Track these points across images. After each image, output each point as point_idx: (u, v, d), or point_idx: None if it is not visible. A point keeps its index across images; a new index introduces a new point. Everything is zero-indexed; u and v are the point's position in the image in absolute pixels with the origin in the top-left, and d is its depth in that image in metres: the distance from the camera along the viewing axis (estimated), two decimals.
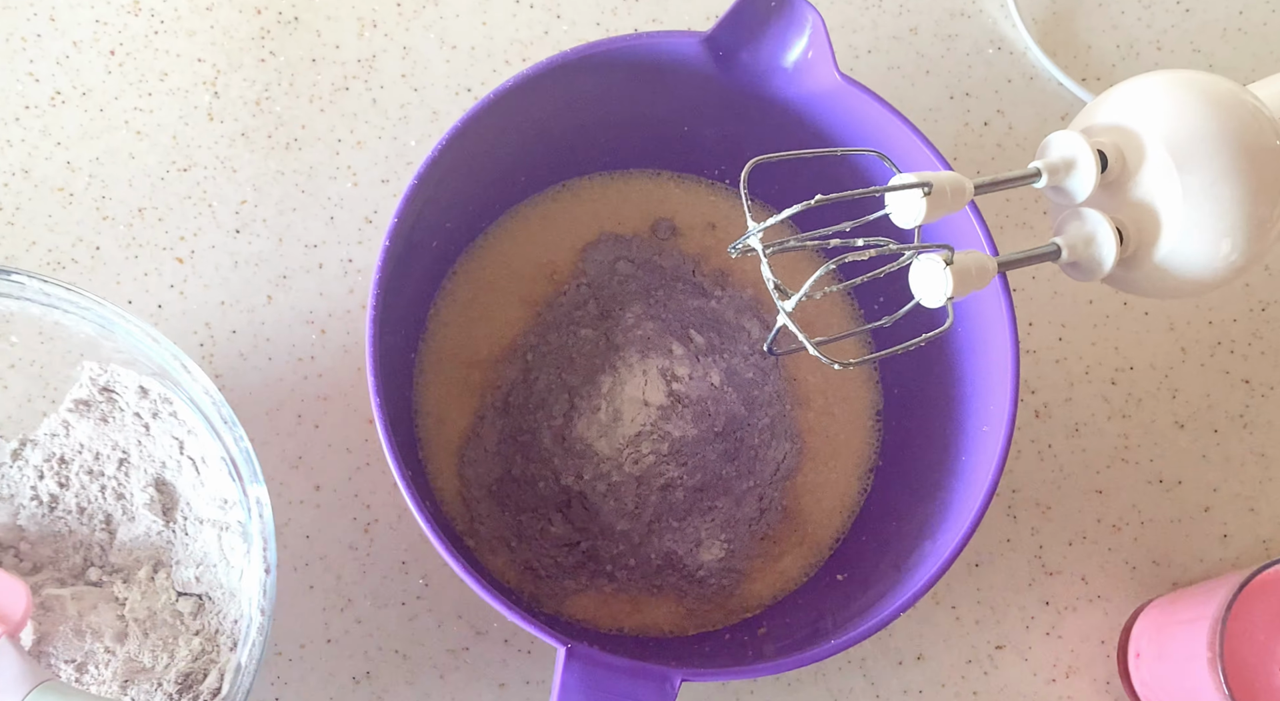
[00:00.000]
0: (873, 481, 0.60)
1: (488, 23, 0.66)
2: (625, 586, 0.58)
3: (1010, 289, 0.51)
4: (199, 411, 0.53)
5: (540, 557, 0.58)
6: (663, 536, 0.58)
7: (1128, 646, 0.61)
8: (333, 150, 0.65)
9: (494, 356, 0.60)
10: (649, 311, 0.60)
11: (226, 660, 0.53)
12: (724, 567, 0.59)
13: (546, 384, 0.59)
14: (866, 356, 0.51)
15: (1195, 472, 0.65)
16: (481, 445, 0.59)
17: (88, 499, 0.57)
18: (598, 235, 0.62)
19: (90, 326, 0.54)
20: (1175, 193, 0.45)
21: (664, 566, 0.58)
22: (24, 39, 0.65)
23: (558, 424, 0.58)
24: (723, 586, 0.59)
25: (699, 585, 0.59)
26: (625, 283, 0.61)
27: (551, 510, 0.58)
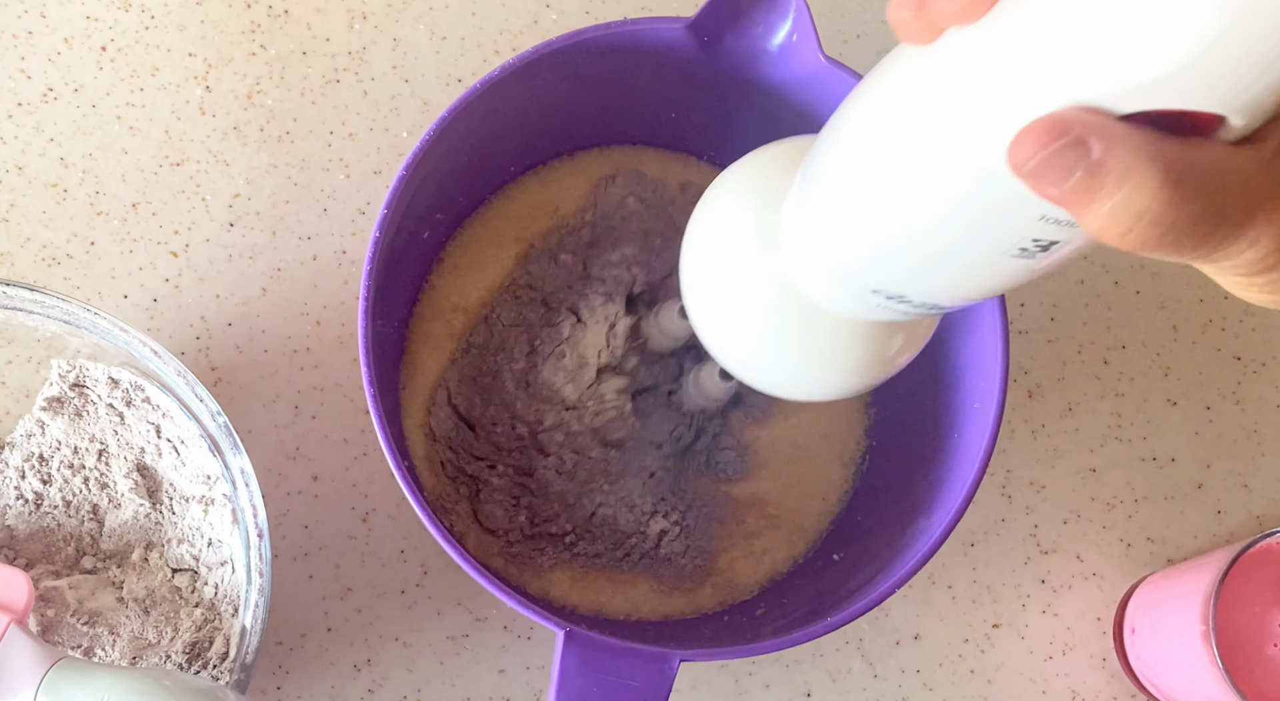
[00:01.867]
0: (867, 463, 0.61)
1: (477, 13, 0.67)
2: (592, 563, 0.58)
3: None
4: (171, 395, 0.54)
5: (492, 519, 0.58)
6: (594, 497, 0.58)
7: (1123, 622, 0.61)
8: (325, 142, 0.65)
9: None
10: (638, 257, 0.60)
11: (230, 625, 0.54)
12: (687, 546, 0.59)
13: (510, 319, 0.59)
14: None
15: (1188, 450, 0.65)
16: (445, 393, 0.59)
17: (72, 492, 0.57)
18: (617, 170, 0.61)
19: (55, 324, 0.54)
20: None
21: (613, 537, 0.58)
22: (15, 36, 0.65)
23: (520, 367, 0.58)
24: (697, 567, 0.59)
25: (667, 564, 0.59)
26: (628, 220, 0.60)
27: (504, 458, 0.58)
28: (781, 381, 0.43)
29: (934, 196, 0.31)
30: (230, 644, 0.53)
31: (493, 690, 0.61)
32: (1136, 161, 0.27)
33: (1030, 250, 0.31)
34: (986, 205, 0.30)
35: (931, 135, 0.30)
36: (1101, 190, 0.28)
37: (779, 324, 0.40)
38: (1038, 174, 0.28)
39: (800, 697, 0.62)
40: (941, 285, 0.34)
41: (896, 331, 0.41)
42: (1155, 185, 0.27)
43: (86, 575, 0.56)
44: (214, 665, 0.53)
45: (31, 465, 0.57)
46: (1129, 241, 0.28)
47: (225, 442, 0.52)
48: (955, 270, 0.33)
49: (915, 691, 0.62)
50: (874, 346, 0.41)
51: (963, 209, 0.31)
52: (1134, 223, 0.28)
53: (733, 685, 0.61)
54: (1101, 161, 0.27)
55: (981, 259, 0.32)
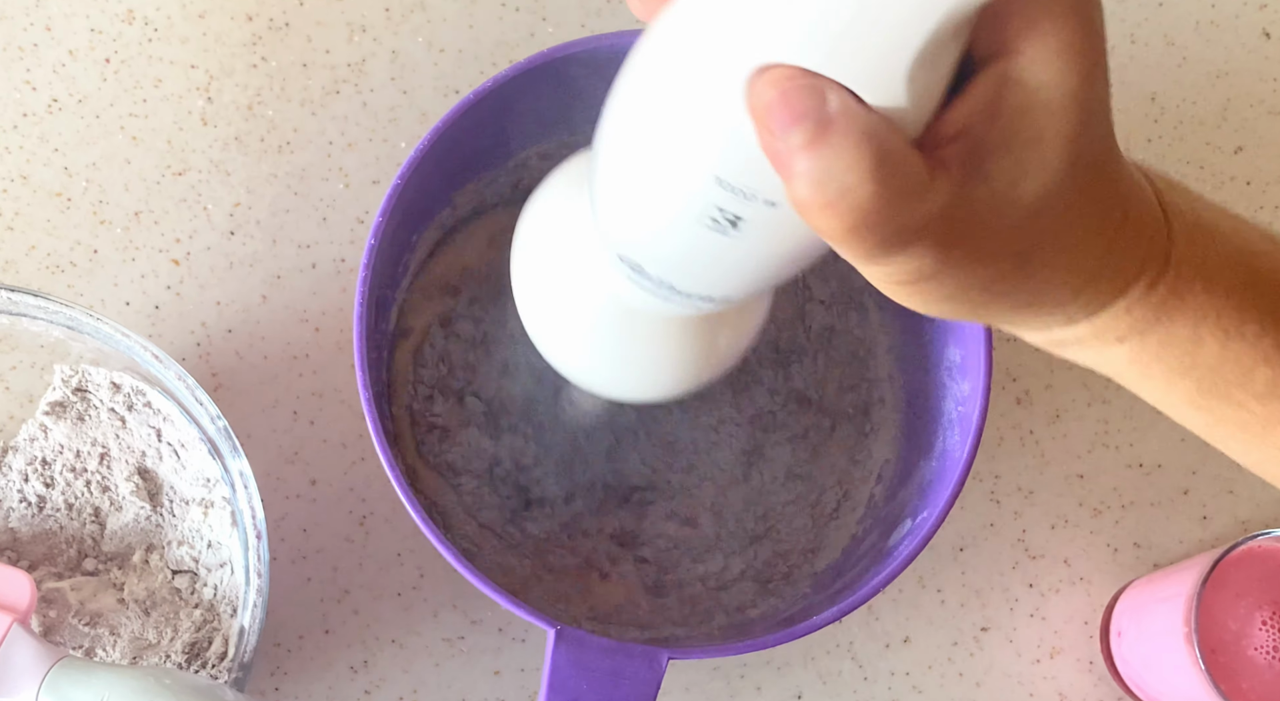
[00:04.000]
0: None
1: (474, 26, 0.68)
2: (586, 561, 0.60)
3: None
4: (172, 399, 0.55)
5: (487, 520, 0.59)
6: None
7: (1110, 626, 0.62)
8: (324, 153, 0.66)
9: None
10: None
11: (229, 626, 0.55)
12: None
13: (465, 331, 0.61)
14: None
15: (1174, 456, 0.66)
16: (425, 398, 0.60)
17: (74, 495, 0.58)
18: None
19: (58, 330, 0.55)
20: None
21: (607, 536, 0.60)
22: (21, 48, 0.66)
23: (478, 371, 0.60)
24: (666, 565, 0.60)
25: (659, 568, 0.60)
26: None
27: (484, 465, 0.60)
28: (607, 382, 0.44)
29: (636, 132, 0.32)
30: (229, 644, 0.54)
31: (488, 691, 0.61)
32: (861, 138, 0.27)
33: (720, 223, 0.31)
34: (674, 150, 0.31)
35: (654, 68, 0.31)
36: (820, 151, 0.27)
37: (601, 323, 0.40)
38: (771, 110, 0.28)
39: (791, 700, 0.62)
40: (659, 255, 0.34)
41: (719, 329, 0.41)
42: (867, 169, 0.28)
43: (88, 577, 0.57)
44: (213, 665, 0.54)
45: (34, 468, 0.58)
46: (824, 218, 0.28)
47: (225, 446, 0.53)
48: (660, 235, 0.33)
49: (905, 694, 0.63)
50: (696, 345, 0.41)
51: (654, 150, 0.31)
52: (836, 198, 0.28)
53: (724, 687, 0.62)
54: (833, 119, 0.27)
55: (677, 222, 0.32)
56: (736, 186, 0.30)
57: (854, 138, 0.27)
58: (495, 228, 0.62)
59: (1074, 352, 0.36)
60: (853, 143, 0.27)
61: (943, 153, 0.29)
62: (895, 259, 0.30)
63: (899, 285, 0.32)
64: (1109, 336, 0.35)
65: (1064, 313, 0.34)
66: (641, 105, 0.32)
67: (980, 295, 0.32)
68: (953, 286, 0.32)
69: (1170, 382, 0.36)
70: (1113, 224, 0.32)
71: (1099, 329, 0.35)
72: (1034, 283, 0.32)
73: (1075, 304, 0.34)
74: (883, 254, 0.30)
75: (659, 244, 0.34)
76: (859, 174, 0.28)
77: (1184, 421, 0.38)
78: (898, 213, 0.28)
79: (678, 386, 0.43)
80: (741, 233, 0.32)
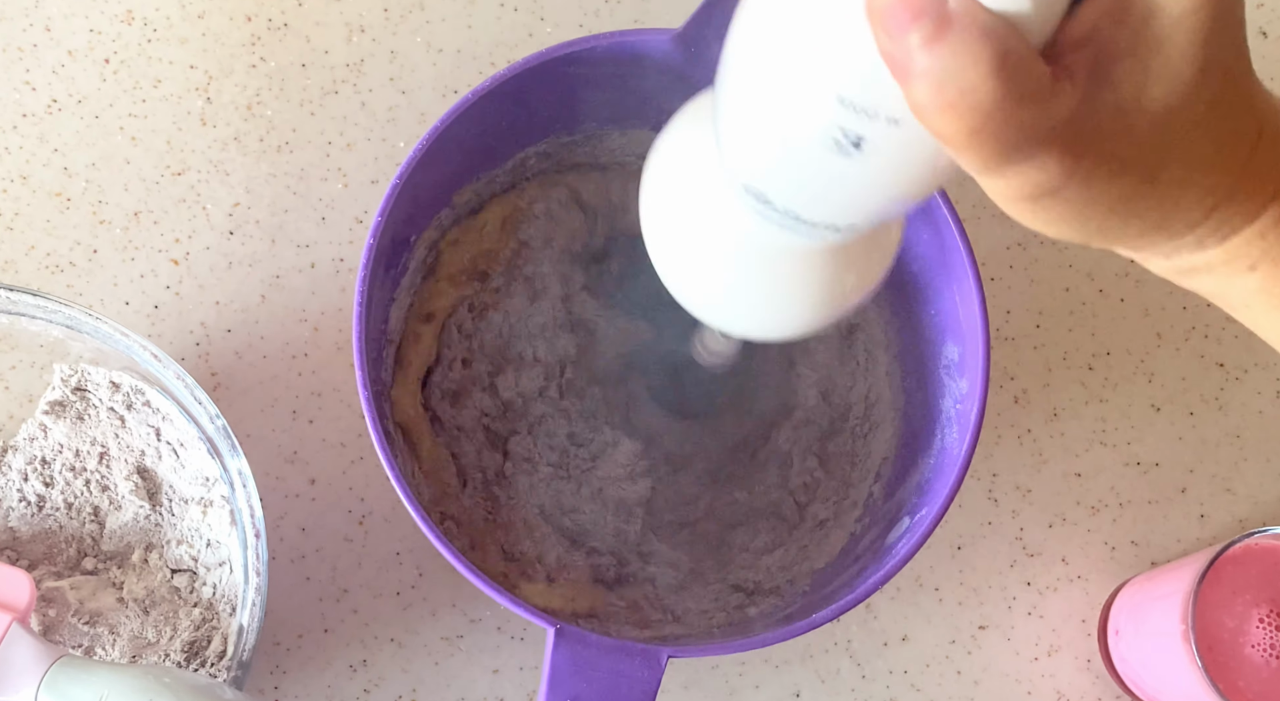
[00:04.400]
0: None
1: (473, 26, 0.68)
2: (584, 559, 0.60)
3: (981, 276, 0.53)
4: (171, 398, 0.56)
5: (485, 518, 0.60)
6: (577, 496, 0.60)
7: (1107, 624, 0.62)
8: (323, 152, 0.66)
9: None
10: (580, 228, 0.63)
11: (228, 624, 0.55)
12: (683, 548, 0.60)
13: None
14: None
15: (1172, 454, 0.66)
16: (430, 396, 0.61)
17: (74, 494, 0.58)
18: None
19: (57, 329, 0.56)
20: None
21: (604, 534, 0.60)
22: (20, 49, 0.66)
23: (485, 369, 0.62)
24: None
25: (659, 569, 0.60)
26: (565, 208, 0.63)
27: (485, 459, 0.61)
28: (741, 319, 0.43)
29: (757, 54, 0.32)
30: (228, 642, 0.54)
31: (487, 690, 0.62)
32: (982, 36, 0.27)
33: (843, 144, 0.31)
34: (795, 69, 0.31)
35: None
36: (939, 49, 0.27)
37: (732, 259, 0.40)
38: (889, 10, 0.27)
39: (790, 698, 0.62)
40: (784, 182, 0.34)
41: (850, 263, 0.41)
42: (988, 67, 0.27)
43: (87, 576, 0.57)
44: (212, 663, 0.54)
45: (34, 468, 0.59)
46: (945, 120, 0.28)
47: (224, 445, 0.53)
48: (784, 161, 0.33)
49: (903, 692, 0.63)
50: (828, 279, 0.41)
51: (775, 71, 0.31)
52: (957, 98, 0.27)
53: (723, 685, 0.62)
54: (952, 17, 0.27)
55: (800, 146, 0.32)
56: (858, 104, 0.30)
57: (974, 34, 0.27)
58: (506, 210, 0.62)
59: (1201, 281, 0.35)
60: (973, 39, 0.27)
61: (1068, 59, 0.29)
62: (1019, 169, 0.29)
63: (1023, 201, 0.31)
64: (1240, 263, 0.33)
65: (1194, 235, 0.33)
66: (760, 25, 0.31)
67: (1108, 215, 0.31)
68: (1079, 202, 0.31)
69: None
70: (1247, 141, 0.31)
71: (1231, 254, 0.33)
72: (1165, 202, 0.31)
73: (1207, 225, 0.32)
74: (1005, 162, 0.29)
75: (783, 171, 0.34)
76: (980, 72, 0.27)
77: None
78: (1021, 115, 0.28)
79: (811, 322, 0.42)
80: (865, 154, 0.31)
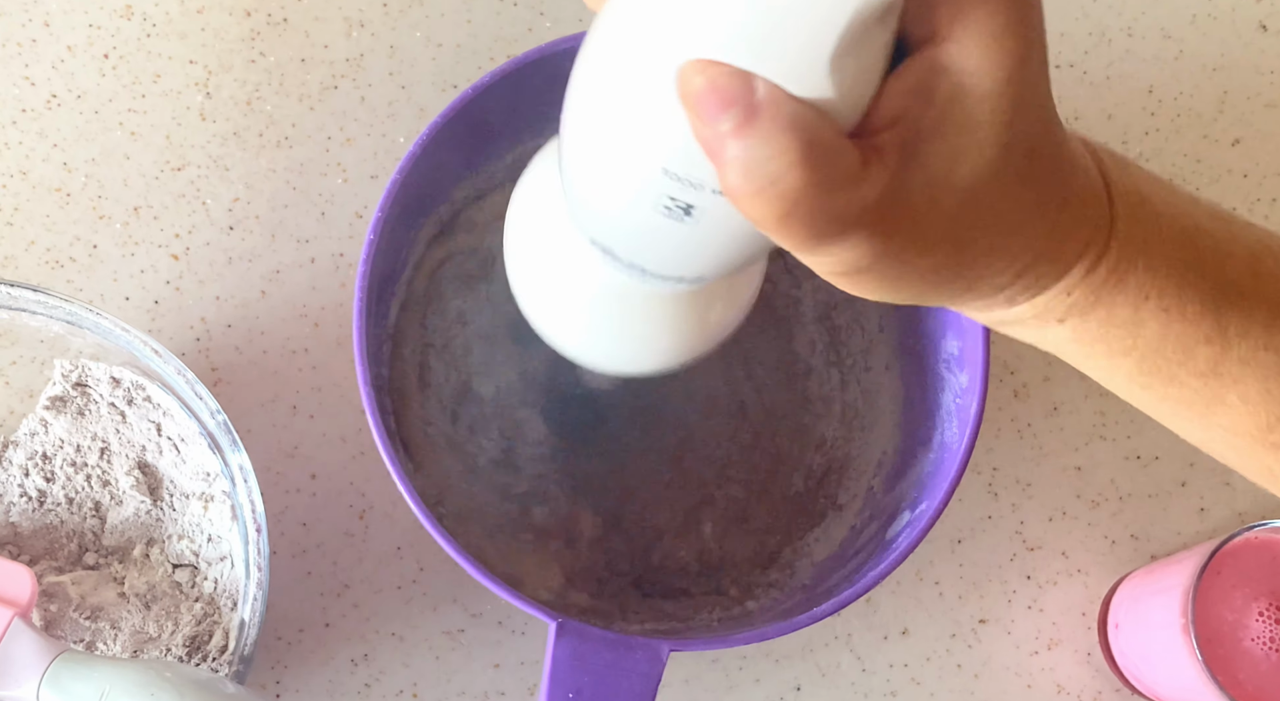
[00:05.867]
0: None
1: (472, 21, 0.68)
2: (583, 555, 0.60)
3: None
4: (172, 393, 0.56)
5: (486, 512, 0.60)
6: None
7: (1107, 618, 0.63)
8: (323, 147, 0.66)
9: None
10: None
11: (229, 619, 0.55)
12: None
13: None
14: None
15: (1171, 448, 0.66)
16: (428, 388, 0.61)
17: (75, 490, 0.58)
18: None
19: (58, 325, 0.56)
20: None
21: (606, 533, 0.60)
22: (19, 44, 0.66)
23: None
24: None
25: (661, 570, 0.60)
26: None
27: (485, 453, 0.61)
28: (602, 357, 0.44)
29: (590, 124, 0.32)
30: (229, 637, 0.54)
31: (488, 684, 0.62)
32: (789, 125, 0.28)
33: (674, 210, 0.32)
34: (623, 142, 0.31)
35: (599, 61, 0.32)
36: (748, 137, 0.28)
37: (591, 299, 0.41)
38: (701, 98, 0.28)
39: (790, 692, 0.63)
40: (624, 239, 0.35)
41: (711, 302, 0.42)
42: (795, 157, 0.28)
43: (89, 571, 0.57)
44: (213, 658, 0.54)
45: (35, 463, 0.59)
46: (755, 206, 0.29)
47: (224, 440, 0.53)
48: (621, 220, 0.34)
49: (903, 685, 0.63)
50: (688, 318, 0.41)
51: (606, 142, 0.32)
52: (766, 185, 0.28)
53: (723, 679, 0.62)
54: (760, 106, 0.28)
55: (634, 209, 0.33)
56: (683, 176, 0.31)
57: (781, 124, 0.28)
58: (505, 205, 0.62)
59: (1016, 331, 0.37)
60: (780, 129, 0.28)
61: (878, 140, 0.29)
62: (832, 249, 0.30)
63: (838, 276, 0.32)
64: (1050, 317, 0.35)
65: (1005, 295, 0.34)
66: (591, 97, 0.32)
67: (919, 283, 0.32)
68: (892, 275, 0.32)
69: (1112, 361, 0.36)
70: (1053, 207, 0.32)
71: (1040, 310, 0.35)
72: (973, 269, 0.33)
73: (1015, 287, 0.34)
74: (817, 244, 0.30)
75: (622, 229, 0.35)
76: (787, 161, 0.28)
77: (1129, 398, 0.38)
78: (829, 201, 0.29)
79: (672, 358, 0.43)
80: (696, 219, 0.32)
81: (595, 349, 0.44)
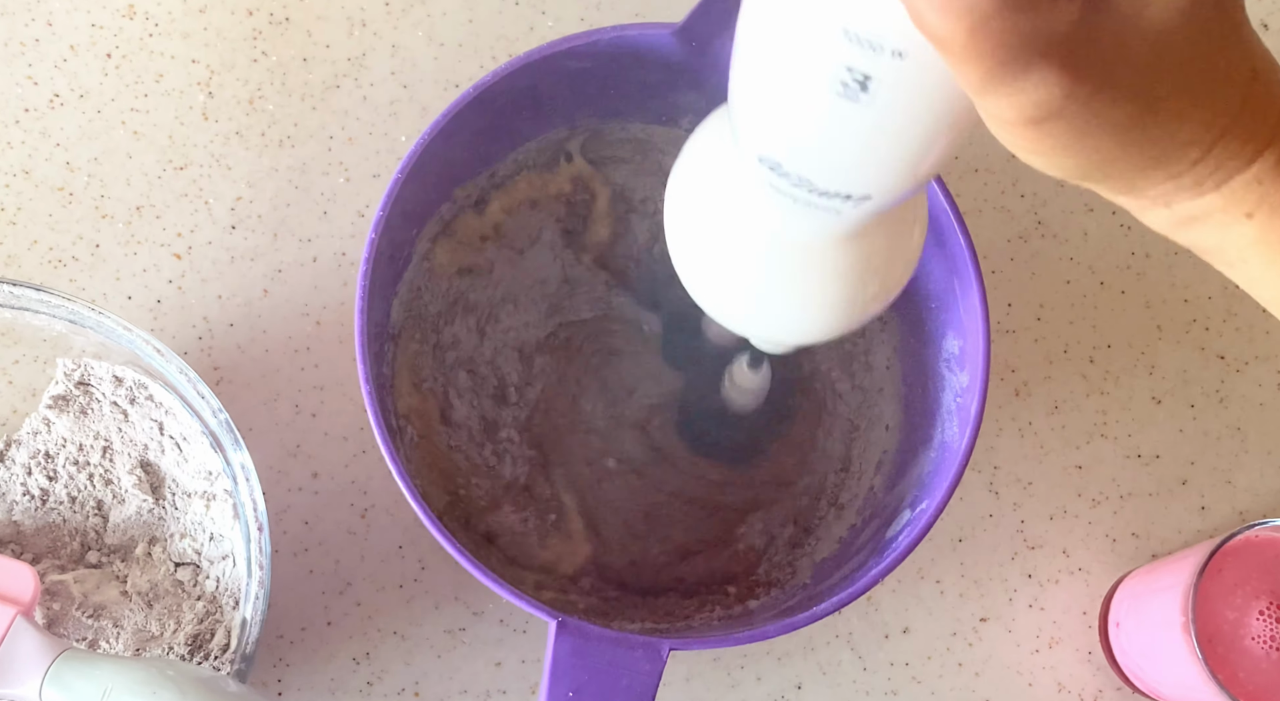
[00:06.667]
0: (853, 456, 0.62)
1: (474, 20, 0.68)
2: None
3: (982, 269, 0.53)
4: (174, 392, 0.56)
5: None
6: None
7: (1108, 616, 0.63)
8: (325, 147, 0.66)
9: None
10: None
11: (231, 617, 0.55)
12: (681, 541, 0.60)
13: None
14: None
15: (1172, 447, 0.66)
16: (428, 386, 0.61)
17: (77, 488, 0.58)
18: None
19: (60, 324, 0.56)
20: None
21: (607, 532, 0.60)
22: (23, 44, 0.66)
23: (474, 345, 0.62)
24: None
25: (665, 570, 0.60)
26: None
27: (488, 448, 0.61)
28: (765, 319, 0.43)
29: (761, 10, 0.32)
30: (231, 635, 0.55)
31: (489, 682, 0.62)
32: None
33: (850, 87, 0.31)
34: (801, 3, 0.31)
35: None
36: None
37: (754, 258, 0.40)
38: None
39: (791, 690, 0.63)
40: (794, 139, 0.35)
41: (870, 269, 0.41)
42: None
43: (91, 569, 0.58)
44: (215, 656, 0.55)
45: (38, 462, 0.59)
46: (943, 19, 0.28)
47: (226, 439, 0.54)
48: (794, 111, 0.34)
49: (904, 684, 0.63)
50: (848, 280, 0.41)
51: (783, 8, 0.32)
52: (968, 5, 0.27)
53: (725, 677, 0.63)
54: None
55: (808, 91, 0.32)
56: (863, 36, 0.30)
57: None
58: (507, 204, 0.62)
59: (1199, 231, 0.35)
60: None
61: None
62: (1019, 84, 0.29)
63: (1023, 125, 0.31)
64: (1237, 210, 0.33)
65: (1193, 175, 0.33)
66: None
67: (1109, 143, 0.31)
68: (1080, 126, 0.30)
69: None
70: (1242, 77, 0.32)
71: (1227, 200, 0.33)
72: (1164, 133, 0.31)
73: (1205, 165, 0.32)
74: (1004, 73, 0.29)
75: (793, 125, 0.34)
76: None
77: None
78: (1019, 21, 0.28)
79: (834, 324, 0.42)
80: (873, 96, 0.31)
81: (761, 316, 0.43)
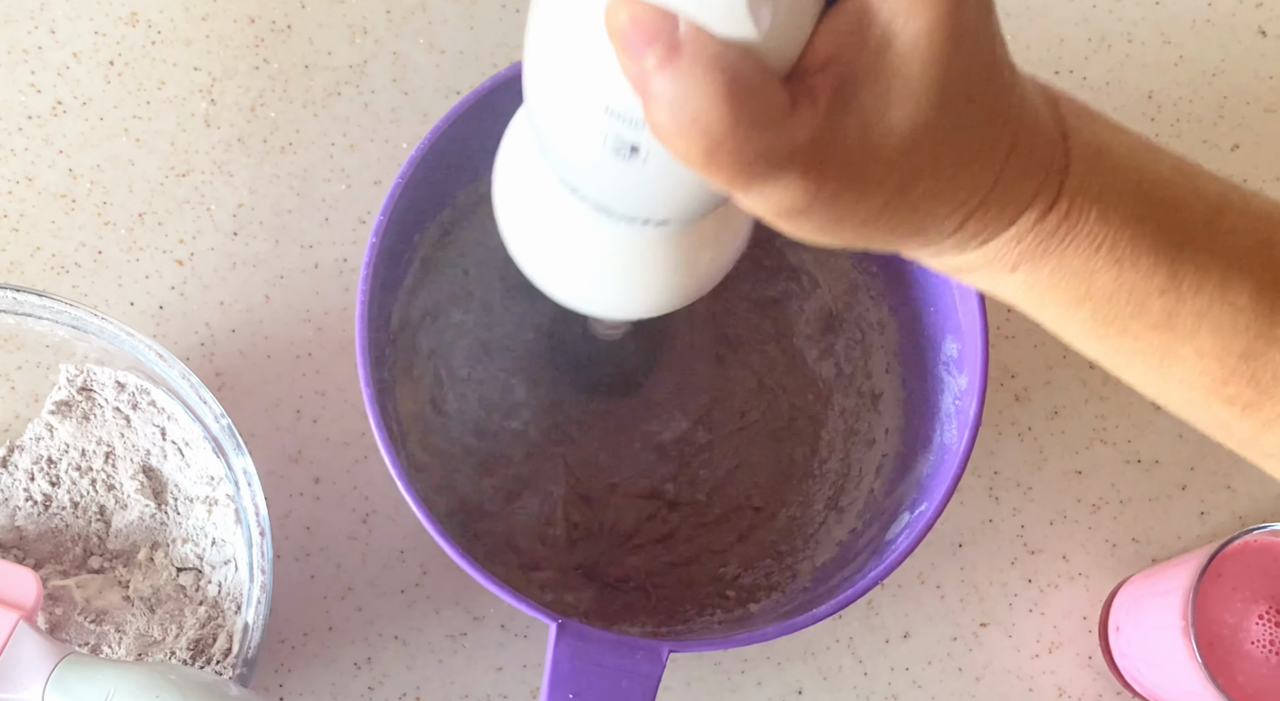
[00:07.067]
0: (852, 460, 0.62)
1: (475, 27, 0.68)
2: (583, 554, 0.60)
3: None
4: (176, 398, 0.56)
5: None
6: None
7: (1108, 621, 0.63)
8: (326, 153, 0.66)
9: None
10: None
11: (233, 622, 0.55)
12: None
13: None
14: None
15: (1172, 452, 0.66)
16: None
17: (80, 493, 0.59)
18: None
19: (63, 330, 0.56)
20: None
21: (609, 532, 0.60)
22: (25, 51, 0.67)
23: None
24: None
25: (661, 573, 0.60)
26: None
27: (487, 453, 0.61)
28: (590, 299, 0.44)
29: (541, 64, 0.33)
30: (233, 640, 0.55)
31: (490, 687, 0.62)
32: (711, 62, 0.28)
33: (621, 150, 0.32)
34: (568, 80, 0.32)
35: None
36: (672, 73, 0.28)
37: (574, 239, 0.41)
38: (625, 33, 0.28)
39: (792, 695, 0.63)
40: (584, 179, 0.35)
41: (698, 248, 0.42)
42: (717, 94, 0.28)
43: (94, 574, 0.58)
44: (217, 661, 0.55)
45: (40, 467, 0.59)
46: (680, 143, 0.29)
47: (228, 444, 0.54)
48: (578, 160, 0.34)
49: (904, 689, 0.63)
50: (673, 261, 0.41)
51: (554, 82, 0.33)
52: (689, 123, 0.28)
53: (725, 682, 0.63)
54: (683, 43, 0.28)
55: (586, 148, 0.33)
56: (624, 114, 0.31)
57: (703, 61, 0.28)
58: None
59: (972, 279, 0.36)
60: (702, 66, 0.28)
61: (810, 82, 0.29)
62: (763, 189, 0.30)
63: (777, 217, 0.32)
64: (1002, 265, 0.35)
65: (954, 241, 0.34)
66: (539, 37, 0.33)
67: (861, 227, 0.32)
68: (831, 218, 0.31)
69: (1066, 311, 0.36)
70: (999, 152, 0.32)
71: (991, 257, 0.34)
72: (917, 214, 0.32)
73: (964, 232, 0.34)
74: (746, 183, 0.30)
75: (580, 169, 0.35)
76: (710, 98, 0.28)
77: (1085, 350, 0.38)
78: (754, 139, 0.29)
79: (666, 301, 0.43)
80: (643, 159, 0.32)
81: (589, 292, 0.43)
